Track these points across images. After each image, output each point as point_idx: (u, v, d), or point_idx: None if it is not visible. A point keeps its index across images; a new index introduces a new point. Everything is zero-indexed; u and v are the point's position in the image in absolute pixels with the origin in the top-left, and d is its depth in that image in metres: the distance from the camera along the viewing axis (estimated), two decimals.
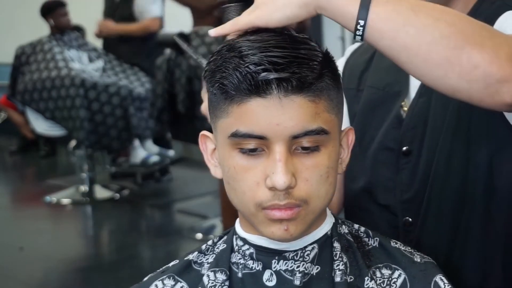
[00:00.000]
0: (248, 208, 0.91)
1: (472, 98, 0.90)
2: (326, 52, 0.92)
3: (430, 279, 0.98)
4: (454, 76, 0.88)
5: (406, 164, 1.16)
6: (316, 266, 0.95)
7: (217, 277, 0.97)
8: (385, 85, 1.22)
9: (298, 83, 0.86)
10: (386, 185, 1.19)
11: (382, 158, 1.19)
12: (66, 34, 5.22)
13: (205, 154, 1.00)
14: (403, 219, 1.17)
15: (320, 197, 0.91)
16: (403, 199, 1.17)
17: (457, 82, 0.88)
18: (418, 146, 1.15)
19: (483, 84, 0.87)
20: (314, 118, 0.88)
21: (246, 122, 0.88)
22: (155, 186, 5.33)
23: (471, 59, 0.86)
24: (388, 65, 1.19)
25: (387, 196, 1.19)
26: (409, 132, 1.16)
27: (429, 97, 1.14)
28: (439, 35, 0.87)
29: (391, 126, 1.18)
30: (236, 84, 0.87)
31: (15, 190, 6.13)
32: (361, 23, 0.89)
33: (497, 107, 0.90)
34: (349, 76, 1.27)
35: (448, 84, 0.89)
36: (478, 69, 0.86)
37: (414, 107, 1.16)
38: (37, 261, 3.84)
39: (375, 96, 1.23)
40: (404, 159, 1.16)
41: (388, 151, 1.18)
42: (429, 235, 1.14)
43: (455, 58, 0.87)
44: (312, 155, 0.90)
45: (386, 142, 1.19)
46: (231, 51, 0.90)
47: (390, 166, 1.18)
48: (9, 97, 5.15)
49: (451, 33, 0.87)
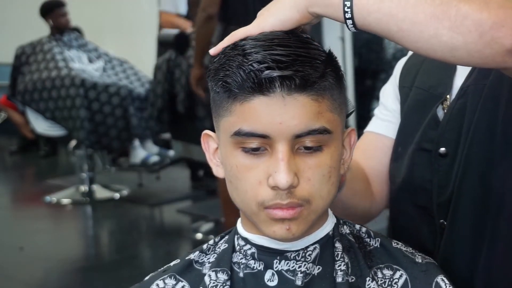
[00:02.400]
0: (250, 207, 0.91)
1: (471, 53, 0.86)
2: (329, 52, 0.93)
3: (431, 280, 0.98)
4: (445, 32, 0.85)
5: (442, 166, 1.14)
6: (318, 266, 0.95)
7: (219, 277, 0.97)
8: (429, 86, 1.20)
9: (302, 82, 0.86)
10: (423, 186, 1.17)
11: (419, 159, 1.18)
12: (66, 34, 5.22)
13: (207, 153, 0.99)
14: (439, 222, 1.15)
15: (322, 197, 0.91)
16: (439, 201, 1.15)
17: (450, 37, 0.86)
18: (454, 148, 1.13)
19: (476, 34, 0.84)
20: (317, 117, 0.88)
21: (249, 121, 0.88)
22: (155, 186, 5.33)
23: (459, 10, 0.84)
24: (435, 66, 1.18)
25: (425, 198, 1.17)
26: (445, 134, 1.14)
27: (466, 99, 1.12)
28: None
29: (428, 127, 1.17)
30: (240, 82, 0.87)
31: (15, 190, 6.14)
32: (348, 4, 0.89)
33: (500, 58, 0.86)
34: (406, 75, 1.26)
35: (443, 43, 0.87)
36: (468, 19, 0.84)
37: (452, 109, 1.15)
38: (37, 261, 3.84)
39: (420, 97, 1.22)
40: (441, 160, 1.15)
41: (425, 152, 1.17)
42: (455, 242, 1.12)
43: (442, 13, 0.85)
44: (314, 154, 0.90)
45: (423, 143, 1.17)
46: (234, 49, 0.90)
47: (427, 167, 1.16)
48: (9, 97, 5.16)
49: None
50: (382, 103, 1.31)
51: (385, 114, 1.29)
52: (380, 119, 1.29)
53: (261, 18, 0.94)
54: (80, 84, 4.77)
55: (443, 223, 1.14)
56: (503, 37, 0.84)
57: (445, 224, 1.14)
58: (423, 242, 1.15)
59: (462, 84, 1.15)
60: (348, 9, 0.90)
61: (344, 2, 0.90)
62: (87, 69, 5.06)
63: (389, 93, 1.30)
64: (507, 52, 0.85)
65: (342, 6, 0.90)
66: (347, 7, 0.89)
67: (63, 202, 5.05)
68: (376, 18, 0.89)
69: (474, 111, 1.10)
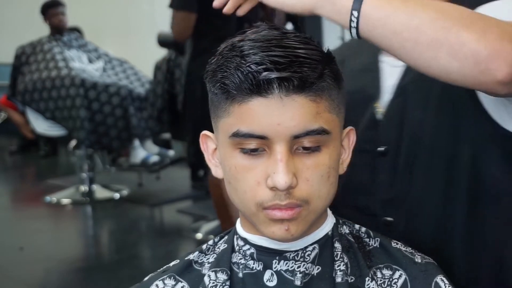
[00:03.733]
0: (249, 207, 0.91)
1: (466, 78, 0.91)
2: (327, 52, 0.93)
3: (430, 280, 0.98)
4: (443, 55, 0.89)
5: (384, 165, 1.17)
6: (317, 266, 0.95)
7: (218, 277, 0.97)
8: (357, 88, 1.22)
9: (300, 83, 0.86)
10: (364, 186, 1.19)
11: (359, 160, 1.17)
12: (66, 34, 5.22)
13: (206, 154, 1.00)
14: (382, 219, 1.17)
15: (321, 197, 0.91)
16: (383, 199, 1.17)
17: (448, 62, 0.90)
18: (395, 146, 1.16)
19: (472, 62, 0.88)
20: (315, 118, 0.88)
21: (247, 122, 0.88)
22: (155, 186, 5.33)
23: (459, 37, 0.88)
24: (360, 69, 1.21)
25: (366, 197, 1.19)
26: (386, 133, 1.17)
27: (406, 96, 1.16)
28: (428, 18, 0.90)
29: (367, 128, 1.19)
30: (238, 83, 0.87)
31: (15, 190, 6.14)
32: (355, 14, 0.92)
33: (491, 86, 0.90)
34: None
35: (441, 65, 0.91)
36: (466, 47, 0.88)
37: (391, 108, 1.17)
38: (37, 261, 3.84)
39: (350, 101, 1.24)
40: (382, 159, 1.17)
41: (365, 153, 1.18)
42: (414, 234, 1.14)
43: (443, 38, 0.89)
44: (313, 155, 0.90)
45: (362, 144, 1.17)
46: (232, 50, 0.90)
47: (368, 167, 1.18)
48: (9, 97, 5.16)
49: (439, 16, 0.90)
50: None
51: None
52: None
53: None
54: (80, 84, 4.77)
55: (387, 219, 1.16)
56: (496, 69, 0.88)
57: (390, 221, 1.16)
58: None
59: (399, 83, 1.17)
60: (355, 19, 0.93)
61: (352, 11, 0.92)
62: (87, 69, 5.06)
63: None
64: (499, 83, 0.89)
65: (349, 14, 0.93)
66: (354, 16, 0.93)
67: (63, 202, 5.05)
68: (380, 33, 0.93)
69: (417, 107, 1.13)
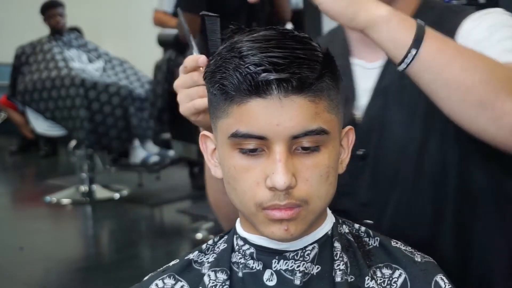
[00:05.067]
0: (248, 207, 0.91)
1: (496, 141, 0.94)
2: (326, 52, 0.92)
3: (430, 279, 0.98)
4: (484, 119, 0.92)
5: (363, 168, 1.16)
6: (317, 266, 0.95)
7: (218, 277, 0.97)
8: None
9: (299, 84, 0.86)
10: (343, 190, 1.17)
11: None
12: (66, 34, 5.22)
13: (205, 154, 1.00)
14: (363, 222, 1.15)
15: (320, 197, 0.91)
16: (363, 202, 1.17)
17: (487, 125, 0.92)
18: (374, 149, 1.15)
19: (509, 132, 0.91)
20: (314, 118, 0.88)
21: (246, 123, 0.88)
22: (155, 186, 5.33)
23: (504, 106, 0.91)
24: None
25: (345, 201, 1.18)
26: (364, 136, 1.15)
27: (385, 98, 1.15)
28: (479, 79, 0.92)
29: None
30: (236, 84, 0.87)
31: (15, 190, 6.14)
32: (413, 52, 0.93)
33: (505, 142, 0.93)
34: None
35: (478, 125, 0.93)
36: (508, 116, 0.90)
37: (369, 110, 1.17)
38: (37, 261, 3.84)
39: None
40: (361, 162, 1.17)
41: None
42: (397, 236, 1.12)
43: (489, 103, 0.91)
44: (312, 155, 0.90)
45: None
46: (231, 51, 0.90)
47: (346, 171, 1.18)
48: (9, 97, 5.16)
49: (490, 79, 0.92)
50: None
51: None
52: None
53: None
54: (80, 84, 4.77)
55: (368, 222, 1.16)
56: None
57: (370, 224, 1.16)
58: None
59: (377, 85, 1.16)
60: (412, 56, 0.93)
61: (410, 49, 0.93)
62: (87, 69, 5.06)
63: None
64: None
65: (406, 50, 0.93)
66: (411, 53, 0.92)
67: (63, 202, 5.05)
68: (431, 78, 0.94)
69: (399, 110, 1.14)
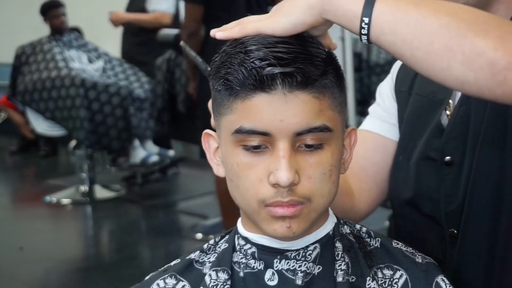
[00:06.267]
0: (251, 205, 0.91)
1: (482, 89, 0.84)
2: (329, 52, 0.93)
3: (431, 280, 0.98)
4: (457, 66, 0.83)
5: (448, 175, 1.12)
6: (318, 266, 0.95)
7: (219, 277, 0.97)
8: (429, 92, 1.18)
9: (303, 79, 0.86)
10: (431, 196, 1.15)
11: (425, 168, 1.16)
12: (66, 35, 5.22)
13: (208, 153, 0.99)
14: (448, 231, 1.14)
15: (323, 195, 0.91)
16: (447, 210, 1.13)
17: (462, 72, 0.83)
18: (460, 156, 1.11)
19: (489, 73, 0.81)
20: (318, 115, 0.88)
21: (250, 118, 0.88)
22: (155, 186, 5.33)
23: (473, 46, 0.82)
24: None
25: (433, 207, 1.15)
26: (450, 142, 1.12)
27: (469, 106, 1.10)
28: (439, 24, 0.84)
29: (433, 136, 1.16)
30: (241, 79, 0.87)
31: (15, 190, 6.13)
32: (366, 20, 0.87)
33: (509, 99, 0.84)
34: (403, 79, 1.25)
35: (454, 76, 0.84)
36: (482, 56, 0.81)
37: (455, 116, 1.12)
38: (37, 261, 3.84)
39: (420, 104, 1.20)
40: (446, 169, 1.13)
41: (431, 161, 1.15)
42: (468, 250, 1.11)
43: (456, 46, 0.82)
44: (315, 152, 0.90)
45: (428, 151, 1.16)
46: (235, 47, 0.90)
47: (434, 176, 1.15)
48: (9, 97, 5.16)
49: (451, 22, 0.83)
50: (378, 103, 1.30)
51: (380, 113, 1.28)
52: (375, 117, 1.29)
53: (274, 17, 0.91)
54: (80, 84, 4.77)
55: (453, 231, 1.12)
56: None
57: (455, 233, 1.12)
58: (430, 250, 1.12)
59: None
60: (366, 25, 0.87)
61: (362, 18, 0.87)
62: (87, 69, 5.06)
63: (385, 92, 1.29)
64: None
65: (359, 20, 0.87)
66: (364, 23, 0.87)
67: (63, 202, 5.05)
68: (390, 40, 0.87)
69: (479, 117, 1.08)
